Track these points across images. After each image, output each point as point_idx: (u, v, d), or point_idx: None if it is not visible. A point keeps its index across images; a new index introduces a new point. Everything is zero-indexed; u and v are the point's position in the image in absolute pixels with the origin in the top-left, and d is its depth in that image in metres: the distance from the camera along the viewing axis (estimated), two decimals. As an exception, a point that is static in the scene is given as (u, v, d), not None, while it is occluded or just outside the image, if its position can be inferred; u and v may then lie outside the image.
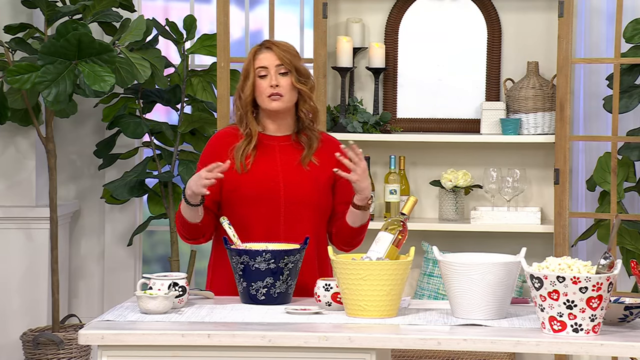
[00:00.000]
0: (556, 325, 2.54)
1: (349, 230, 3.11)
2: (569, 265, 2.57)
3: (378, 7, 4.58)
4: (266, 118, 3.09)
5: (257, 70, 3.01)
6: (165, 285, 2.81)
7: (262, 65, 3.01)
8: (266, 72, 3.02)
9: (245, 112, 3.06)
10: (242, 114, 3.06)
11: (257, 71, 3.01)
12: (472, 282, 2.68)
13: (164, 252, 5.26)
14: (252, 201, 3.05)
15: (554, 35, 4.38)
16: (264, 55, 3.02)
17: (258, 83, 3.02)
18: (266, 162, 3.08)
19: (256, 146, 3.07)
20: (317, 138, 3.10)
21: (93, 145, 4.93)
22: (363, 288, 2.70)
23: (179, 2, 5.18)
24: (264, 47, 3.03)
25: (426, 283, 4.46)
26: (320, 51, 4.35)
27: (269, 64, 3.01)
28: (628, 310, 2.67)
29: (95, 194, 5.03)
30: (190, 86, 4.81)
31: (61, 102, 4.37)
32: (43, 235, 4.80)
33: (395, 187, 4.48)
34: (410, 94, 4.57)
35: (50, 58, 4.34)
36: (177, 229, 3.09)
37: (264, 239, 2.99)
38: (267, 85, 3.01)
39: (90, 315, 4.81)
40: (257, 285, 2.87)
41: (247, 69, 3.04)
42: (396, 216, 2.87)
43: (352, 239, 3.13)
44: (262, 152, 3.08)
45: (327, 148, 3.13)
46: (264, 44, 3.04)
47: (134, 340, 2.57)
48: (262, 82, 3.02)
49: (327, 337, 2.55)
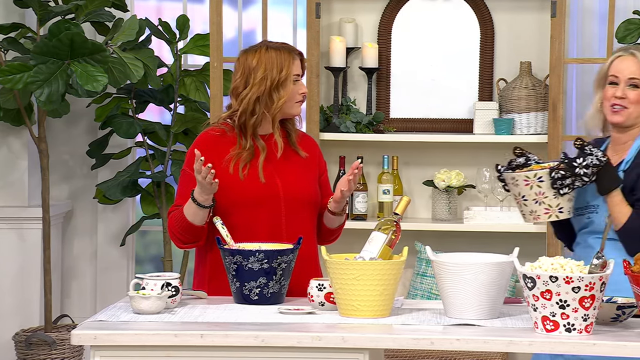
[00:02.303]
0: (549, 325, 2.54)
1: (326, 230, 3.17)
2: (562, 265, 2.58)
3: (371, 7, 4.58)
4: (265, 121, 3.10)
5: (293, 77, 3.08)
6: (158, 285, 2.81)
7: (297, 73, 3.10)
8: (298, 78, 3.10)
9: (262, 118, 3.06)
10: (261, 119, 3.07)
11: (292, 77, 3.08)
12: (465, 282, 2.68)
13: (157, 252, 5.25)
14: (254, 205, 3.05)
15: (547, 35, 4.39)
16: (297, 63, 3.10)
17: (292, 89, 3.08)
18: (258, 164, 3.09)
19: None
20: (294, 126, 3.15)
21: (86, 145, 4.92)
22: (356, 288, 2.70)
23: (172, 2, 5.17)
24: (296, 53, 3.11)
25: (419, 283, 4.46)
26: (313, 51, 4.35)
27: (300, 72, 3.11)
28: (620, 310, 2.67)
29: (88, 194, 5.02)
30: (183, 86, 4.81)
31: (54, 102, 4.36)
32: (35, 235, 4.79)
33: (389, 187, 4.48)
34: (403, 94, 4.58)
35: (42, 58, 4.33)
36: (173, 235, 3.06)
37: (268, 240, 3.00)
38: (297, 91, 3.09)
39: (83, 316, 4.80)
40: (251, 285, 2.87)
41: (285, 75, 3.05)
42: (389, 216, 2.87)
43: (330, 235, 3.19)
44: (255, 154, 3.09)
45: (308, 143, 3.18)
46: (294, 50, 3.11)
47: (126, 341, 2.57)
48: (293, 87, 3.09)
49: (320, 337, 2.55)
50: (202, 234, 3.05)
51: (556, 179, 2.88)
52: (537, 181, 2.92)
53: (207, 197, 2.98)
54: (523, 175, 2.93)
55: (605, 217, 2.93)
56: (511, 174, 2.96)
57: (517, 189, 2.96)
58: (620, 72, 2.97)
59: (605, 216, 2.94)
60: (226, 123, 3.13)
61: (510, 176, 2.97)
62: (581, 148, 2.89)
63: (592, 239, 2.99)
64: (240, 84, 3.08)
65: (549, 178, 2.90)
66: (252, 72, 3.06)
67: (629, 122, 2.98)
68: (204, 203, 2.98)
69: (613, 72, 2.99)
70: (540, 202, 2.93)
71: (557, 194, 2.90)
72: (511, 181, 2.97)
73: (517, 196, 2.98)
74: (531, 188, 2.92)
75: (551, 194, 2.91)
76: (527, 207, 2.95)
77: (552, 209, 2.93)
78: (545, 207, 2.93)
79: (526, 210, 2.97)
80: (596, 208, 2.98)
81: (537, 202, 2.93)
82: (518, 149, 3.01)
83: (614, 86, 2.98)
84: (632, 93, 2.96)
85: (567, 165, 2.87)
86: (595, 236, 2.98)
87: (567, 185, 2.88)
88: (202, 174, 2.91)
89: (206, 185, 2.93)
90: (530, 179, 2.92)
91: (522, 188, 2.94)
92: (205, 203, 2.98)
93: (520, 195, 2.96)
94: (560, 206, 2.93)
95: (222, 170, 3.06)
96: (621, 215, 2.91)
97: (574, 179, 2.88)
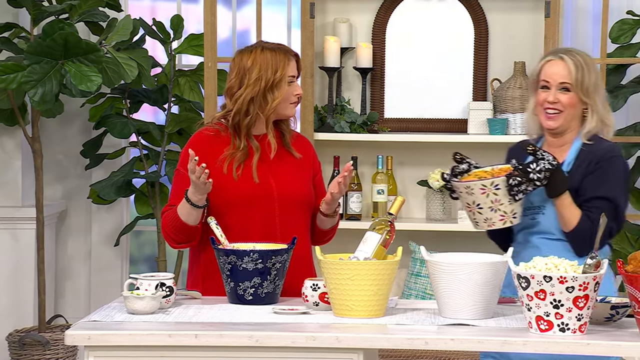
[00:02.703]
0: (543, 325, 2.55)
1: (319, 231, 3.17)
2: (556, 265, 2.58)
3: (365, 7, 4.58)
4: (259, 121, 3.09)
5: (288, 78, 3.07)
6: (153, 285, 2.81)
7: (292, 74, 3.08)
8: (293, 80, 3.09)
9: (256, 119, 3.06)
10: (254, 119, 3.06)
11: (287, 79, 3.07)
12: (459, 282, 2.68)
13: (151, 252, 5.25)
14: (248, 205, 3.05)
15: (541, 36, 4.39)
16: (293, 64, 3.09)
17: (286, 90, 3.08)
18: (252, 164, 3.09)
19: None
20: (288, 127, 3.14)
21: (80, 145, 4.92)
22: (351, 288, 2.70)
23: (166, 1, 5.17)
24: (292, 54, 3.10)
25: (413, 283, 4.47)
26: (308, 51, 4.35)
27: (295, 74, 3.10)
28: (614, 310, 2.68)
29: (82, 194, 5.02)
30: (178, 86, 4.80)
31: (47, 102, 4.35)
32: (29, 235, 4.79)
33: (383, 187, 4.49)
34: (397, 94, 4.58)
35: (36, 58, 4.32)
36: (167, 235, 3.06)
37: (263, 240, 3.00)
38: (292, 92, 3.08)
39: (77, 316, 4.80)
40: (245, 285, 2.87)
41: (280, 76, 3.05)
42: (384, 216, 2.87)
43: (323, 237, 3.19)
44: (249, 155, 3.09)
45: (303, 144, 3.17)
46: (290, 51, 3.10)
47: (121, 341, 2.57)
48: (288, 88, 3.08)
49: (314, 337, 2.55)
50: (196, 234, 3.05)
51: (513, 186, 2.87)
52: (493, 189, 2.89)
53: (201, 197, 2.98)
54: (479, 184, 2.89)
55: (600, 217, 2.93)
56: (465, 183, 2.91)
57: (472, 198, 2.91)
58: (551, 77, 2.98)
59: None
60: (220, 123, 3.12)
61: (465, 185, 2.92)
62: (534, 153, 2.89)
63: (538, 239, 2.99)
64: (235, 84, 3.08)
65: (506, 185, 2.88)
66: (247, 73, 3.05)
67: (563, 127, 3.00)
68: (198, 203, 2.98)
69: (544, 76, 3.00)
70: (495, 210, 2.90)
71: (513, 200, 2.90)
72: (465, 190, 2.92)
73: (470, 205, 2.93)
74: (487, 196, 2.89)
75: (506, 200, 2.90)
76: (482, 215, 2.92)
77: (507, 215, 2.91)
78: (500, 214, 2.91)
79: (480, 218, 2.93)
80: (542, 209, 2.98)
81: (493, 210, 2.90)
82: (458, 155, 2.99)
83: (546, 90, 3.00)
84: (564, 97, 2.98)
85: (522, 172, 2.88)
86: (542, 236, 2.99)
87: (522, 191, 2.88)
88: (196, 174, 2.90)
89: (200, 185, 2.93)
90: (487, 187, 2.89)
91: (478, 197, 2.90)
92: (199, 203, 2.98)
93: (474, 204, 2.92)
94: (514, 212, 2.92)
95: (216, 170, 3.06)
96: (572, 217, 2.92)
97: (528, 184, 2.88)
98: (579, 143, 3.00)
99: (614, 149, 2.99)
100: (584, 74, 2.96)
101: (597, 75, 3.00)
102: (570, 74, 2.96)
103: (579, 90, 2.96)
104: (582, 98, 2.97)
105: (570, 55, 2.99)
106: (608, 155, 2.96)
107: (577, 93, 2.96)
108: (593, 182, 2.94)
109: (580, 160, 2.97)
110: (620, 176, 2.96)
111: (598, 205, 2.92)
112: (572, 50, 3.02)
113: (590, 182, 2.94)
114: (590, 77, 2.97)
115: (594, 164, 2.96)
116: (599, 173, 2.94)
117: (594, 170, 2.95)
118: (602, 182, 2.94)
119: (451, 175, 2.97)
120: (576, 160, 2.98)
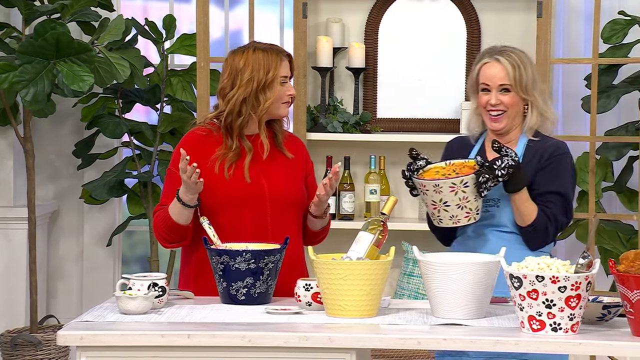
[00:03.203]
0: (535, 325, 2.55)
1: (309, 232, 3.17)
2: (548, 264, 2.58)
3: (358, 7, 4.59)
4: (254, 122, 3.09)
5: (280, 79, 3.07)
6: (145, 285, 2.80)
7: (284, 75, 3.08)
8: (286, 80, 3.09)
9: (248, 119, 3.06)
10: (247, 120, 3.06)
11: (280, 79, 3.07)
12: (451, 282, 2.68)
13: (144, 252, 5.24)
14: (239, 205, 3.05)
15: (533, 36, 4.40)
16: (285, 64, 3.09)
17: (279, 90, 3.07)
18: (244, 164, 3.09)
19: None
20: (281, 127, 3.14)
21: (72, 145, 4.91)
22: (343, 288, 2.70)
23: (158, 1, 5.16)
24: (284, 55, 3.10)
25: (406, 283, 4.47)
26: (300, 51, 4.35)
27: (288, 74, 3.11)
28: (606, 310, 2.68)
29: (74, 194, 5.01)
30: (170, 86, 4.80)
31: (39, 102, 4.34)
32: (21, 235, 4.77)
33: (376, 187, 4.49)
34: (390, 94, 4.58)
35: (28, 57, 4.31)
36: (159, 234, 3.06)
37: (254, 240, 3.00)
38: (284, 92, 3.08)
39: (69, 316, 4.79)
40: (237, 286, 2.87)
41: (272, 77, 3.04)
42: (376, 216, 2.88)
43: (314, 238, 3.19)
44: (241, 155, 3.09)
45: (295, 144, 3.17)
46: (283, 52, 3.10)
47: (113, 341, 2.56)
48: (281, 89, 3.08)
49: (307, 337, 2.55)
50: (188, 234, 3.05)
51: (481, 183, 2.90)
52: (462, 187, 2.90)
53: (192, 197, 2.98)
54: (449, 182, 2.89)
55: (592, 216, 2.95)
56: (435, 181, 2.91)
57: (439, 196, 2.91)
58: (490, 79, 3.03)
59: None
60: (212, 123, 3.13)
61: (434, 183, 2.91)
62: (498, 150, 2.93)
63: (491, 232, 3.03)
64: (227, 85, 3.08)
65: (474, 183, 2.90)
66: (239, 73, 3.05)
67: (508, 126, 3.05)
68: (189, 202, 2.98)
69: (483, 79, 3.05)
70: (462, 207, 2.91)
71: (479, 196, 2.92)
72: (433, 188, 2.91)
73: (436, 202, 2.93)
74: (456, 194, 2.90)
75: (473, 197, 2.91)
76: (448, 212, 2.92)
77: (472, 212, 2.93)
78: (466, 210, 2.92)
79: (445, 216, 2.93)
80: (497, 202, 3.02)
81: (460, 207, 2.91)
82: (414, 151, 3.01)
83: (487, 93, 3.04)
84: (505, 98, 3.02)
85: (488, 168, 2.91)
86: (495, 229, 3.02)
87: (487, 188, 2.92)
88: (187, 174, 2.91)
89: (191, 185, 2.93)
90: (457, 185, 2.89)
91: (447, 194, 2.90)
92: (190, 203, 2.98)
93: (441, 202, 2.92)
94: (478, 208, 2.95)
95: (208, 170, 3.06)
96: (530, 211, 2.97)
97: (493, 181, 2.92)
98: (524, 139, 3.06)
99: (563, 146, 3.07)
100: (521, 72, 3.01)
101: (533, 70, 3.05)
102: (508, 74, 3.01)
103: (518, 89, 3.02)
104: (522, 96, 3.02)
105: (506, 55, 3.04)
106: (558, 152, 3.03)
107: (517, 92, 3.02)
108: (545, 178, 3.01)
109: (528, 156, 3.03)
110: (569, 173, 3.04)
111: (552, 200, 2.99)
112: (506, 49, 3.07)
113: (542, 177, 3.01)
114: (528, 74, 3.02)
115: (545, 160, 3.02)
116: (550, 169, 3.01)
117: (545, 166, 3.02)
118: (554, 177, 3.00)
119: (411, 172, 2.98)
120: (524, 156, 3.03)
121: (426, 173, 2.98)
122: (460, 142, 3.15)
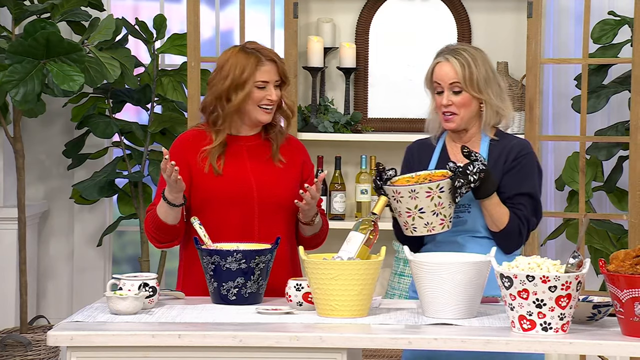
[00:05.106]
0: (526, 324, 2.56)
1: (301, 238, 3.16)
2: (538, 264, 2.59)
3: (349, 7, 4.59)
4: (242, 122, 3.09)
5: (257, 83, 3.04)
6: (136, 285, 2.80)
7: (264, 80, 3.04)
8: (265, 85, 3.05)
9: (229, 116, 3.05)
10: (223, 117, 3.06)
11: (257, 83, 3.04)
12: (442, 282, 2.69)
13: (134, 252, 5.23)
14: (226, 204, 3.05)
15: (523, 36, 4.41)
16: (266, 69, 3.04)
17: (255, 93, 3.04)
18: (236, 164, 3.09)
19: (225, 148, 3.08)
20: (282, 134, 3.13)
21: (62, 145, 4.89)
22: (334, 288, 2.70)
23: (149, 1, 5.15)
24: (267, 59, 3.05)
25: (397, 282, 4.47)
26: (291, 51, 4.35)
27: (270, 79, 3.05)
28: (596, 309, 2.69)
29: (64, 194, 4.99)
30: (161, 86, 4.79)
31: (29, 102, 4.33)
32: (11, 235, 4.76)
33: (367, 187, 4.49)
34: (381, 94, 4.59)
35: (18, 57, 4.30)
36: (149, 234, 3.06)
37: (240, 240, 2.99)
38: (263, 96, 3.05)
39: (59, 317, 4.78)
40: (228, 286, 2.87)
41: (245, 78, 3.02)
42: (367, 216, 2.87)
43: (308, 242, 3.17)
44: (231, 154, 3.10)
45: (293, 148, 3.17)
46: (268, 56, 3.06)
47: (103, 341, 2.56)
48: (259, 92, 3.05)
49: (298, 337, 2.55)
50: (178, 234, 3.05)
51: (457, 188, 2.86)
52: (438, 192, 2.84)
53: (176, 196, 2.97)
54: (426, 186, 2.84)
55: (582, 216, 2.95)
56: (411, 186, 2.85)
57: (415, 202, 2.85)
58: (441, 79, 3.01)
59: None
60: (206, 124, 3.14)
61: (410, 189, 2.84)
62: (468, 155, 2.90)
63: (462, 238, 2.99)
64: (211, 79, 3.10)
65: (450, 188, 2.86)
66: (220, 70, 3.07)
67: (462, 126, 3.02)
68: (174, 201, 2.97)
69: (435, 79, 3.03)
70: (437, 214, 2.86)
71: (452, 203, 2.88)
72: (409, 194, 2.85)
73: (411, 210, 2.86)
74: (432, 199, 2.84)
75: (447, 203, 2.87)
76: (423, 219, 2.86)
77: (445, 220, 2.88)
78: (441, 217, 2.86)
79: (420, 223, 2.86)
80: (468, 207, 2.99)
81: (435, 214, 2.85)
82: (381, 165, 2.96)
83: (440, 95, 3.02)
84: (456, 98, 3.00)
85: (462, 174, 2.87)
86: (468, 235, 3.00)
87: (460, 194, 2.88)
88: (167, 172, 2.91)
89: (172, 183, 2.93)
90: (433, 189, 2.84)
91: (423, 200, 2.84)
92: (175, 201, 2.98)
93: (416, 208, 2.85)
94: (451, 216, 2.90)
95: (197, 168, 3.07)
96: (502, 215, 2.95)
97: (466, 186, 2.88)
98: (487, 139, 3.04)
99: (527, 145, 3.05)
100: (472, 71, 2.98)
101: (487, 67, 3.01)
102: (457, 74, 2.99)
103: (469, 88, 2.99)
104: (474, 95, 2.99)
105: (456, 54, 3.01)
106: (523, 152, 3.01)
107: (468, 92, 2.99)
108: (513, 180, 2.98)
109: (493, 157, 3.01)
110: (536, 173, 3.02)
111: (522, 202, 2.97)
112: (458, 48, 3.03)
113: (510, 179, 2.98)
114: (479, 71, 2.99)
115: (511, 161, 3.00)
116: (516, 170, 2.99)
117: (511, 167, 3.00)
118: (522, 179, 2.98)
119: (383, 182, 2.93)
120: (489, 158, 3.01)
121: (397, 182, 2.92)
122: (421, 146, 3.11)
